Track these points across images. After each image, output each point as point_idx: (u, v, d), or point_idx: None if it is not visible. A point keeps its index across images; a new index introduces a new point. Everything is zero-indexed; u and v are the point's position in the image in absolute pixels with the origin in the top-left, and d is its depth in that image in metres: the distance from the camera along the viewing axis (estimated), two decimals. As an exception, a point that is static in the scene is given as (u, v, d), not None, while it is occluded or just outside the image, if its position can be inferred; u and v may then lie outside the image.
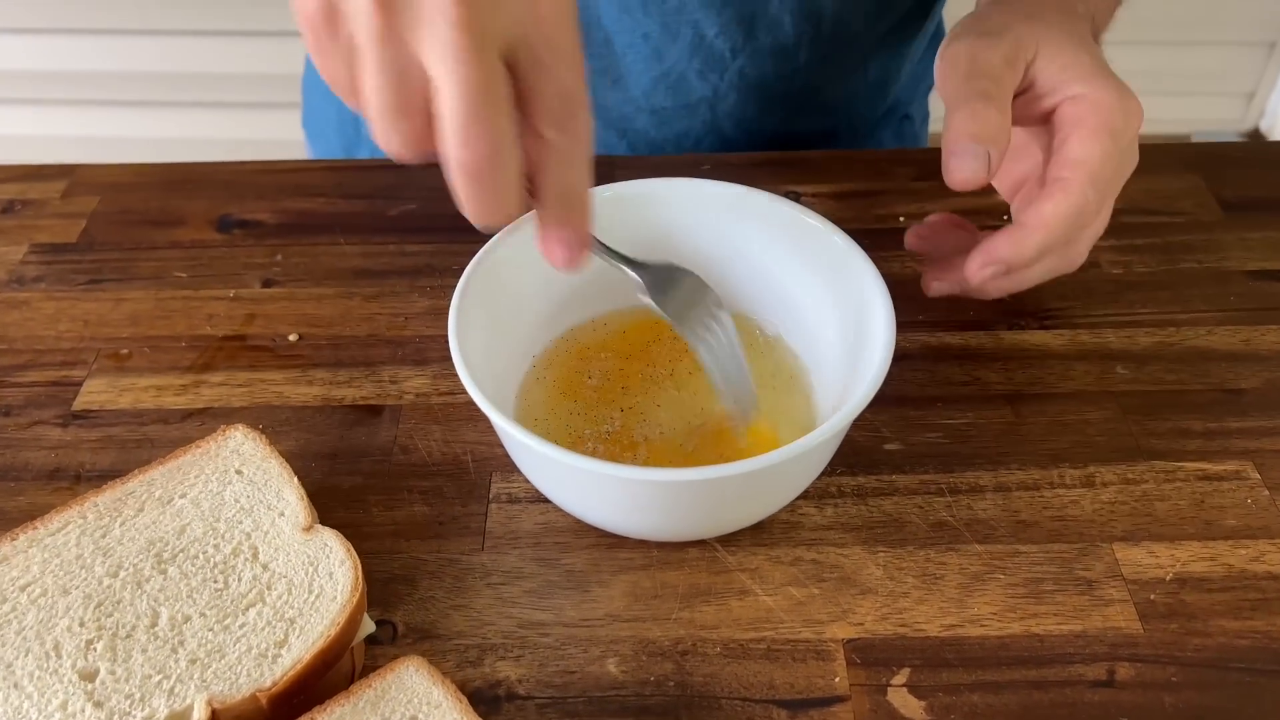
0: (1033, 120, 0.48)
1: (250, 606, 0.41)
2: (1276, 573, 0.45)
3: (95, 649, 0.40)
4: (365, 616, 0.42)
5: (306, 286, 0.60)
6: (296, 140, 0.91)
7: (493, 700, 0.42)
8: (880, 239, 0.53)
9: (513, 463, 0.50)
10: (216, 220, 0.65)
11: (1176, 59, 1.99)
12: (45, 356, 0.56)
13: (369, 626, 0.43)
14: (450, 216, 0.62)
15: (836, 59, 0.70)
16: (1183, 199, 0.64)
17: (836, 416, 0.41)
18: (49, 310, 0.59)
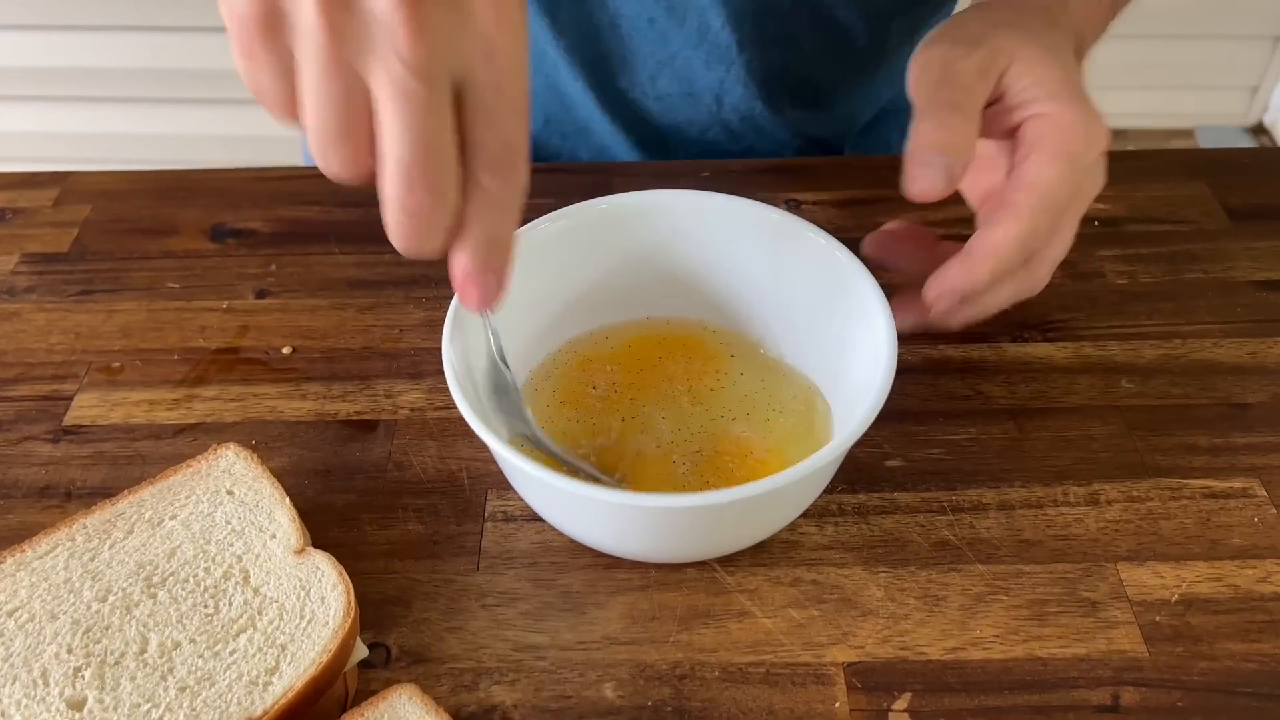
0: (1000, 134, 0.47)
1: (241, 632, 0.40)
2: (1284, 594, 0.45)
3: (83, 676, 0.39)
4: (358, 641, 0.42)
5: (300, 297, 0.59)
6: (294, 136, 0.90)
7: (487, 726, 0.41)
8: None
9: (508, 481, 0.50)
10: (210, 229, 0.64)
11: (1181, 52, 1.98)
12: (36, 370, 0.56)
13: (362, 651, 0.42)
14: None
15: (842, 52, 0.69)
16: (1188, 207, 0.63)
17: (834, 443, 0.40)
18: (40, 322, 0.58)
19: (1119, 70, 1.78)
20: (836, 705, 0.42)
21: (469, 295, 0.36)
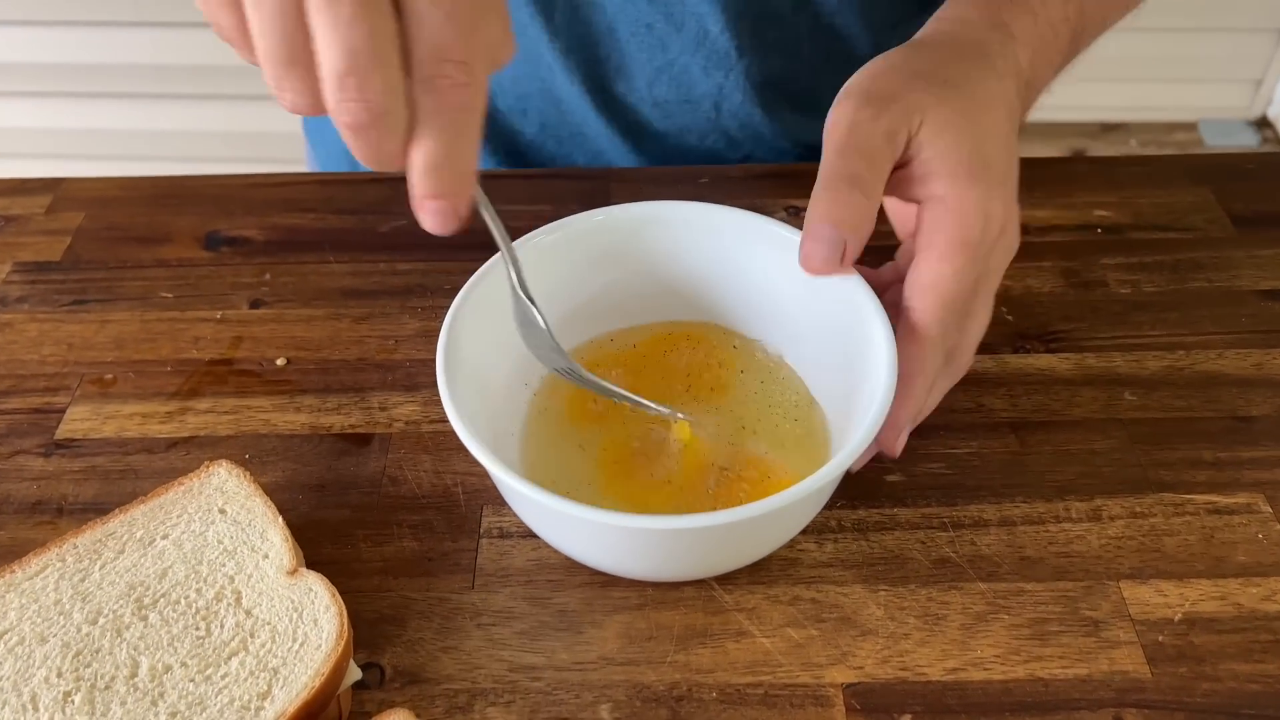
0: (906, 199, 0.46)
1: (233, 655, 0.40)
2: (1288, 613, 0.44)
3: (73, 701, 0.39)
4: (351, 663, 0.41)
5: (295, 307, 0.59)
6: (293, 133, 0.89)
7: (482, 749, 0.41)
8: (880, 256, 0.52)
9: (504, 496, 0.49)
10: (204, 237, 0.63)
11: (1184, 45, 1.97)
12: (28, 382, 0.55)
13: (355, 674, 0.41)
14: (443, 233, 0.61)
15: (843, 60, 0.68)
16: (1192, 214, 0.63)
17: (832, 463, 0.40)
18: (32, 333, 0.58)
19: (1122, 63, 1.77)
20: (835, 728, 0.41)
21: (424, 220, 0.35)
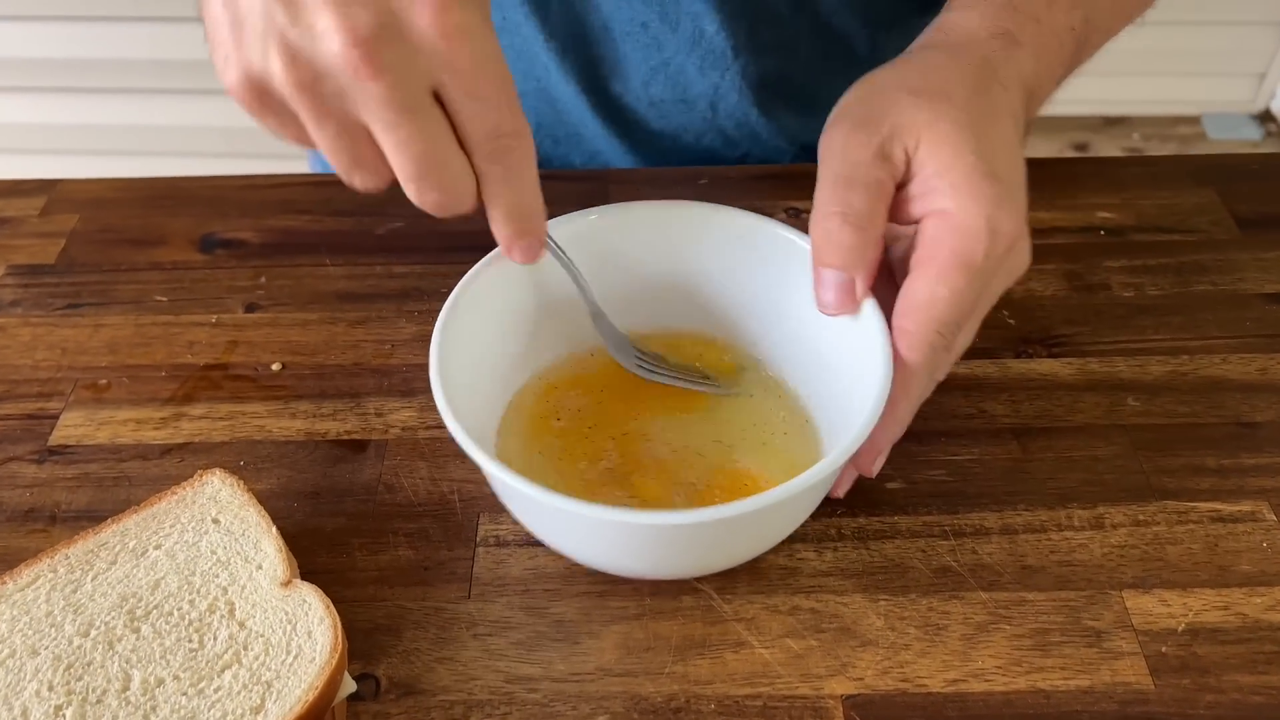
0: (908, 221, 0.44)
1: (226, 668, 0.40)
2: (1293, 623, 0.44)
3: (65, 715, 0.38)
4: (346, 676, 0.41)
5: (290, 311, 0.58)
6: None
7: (478, 762, 0.41)
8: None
9: (500, 503, 0.49)
10: (199, 239, 0.63)
11: (1187, 39, 1.96)
12: (21, 387, 0.55)
13: (350, 686, 0.41)
14: (439, 235, 0.61)
15: (841, 60, 0.68)
16: (1196, 215, 0.62)
17: (825, 461, 0.39)
18: (25, 337, 0.57)
19: (1124, 56, 1.75)
20: (835, 740, 0.41)
21: (515, 257, 0.42)
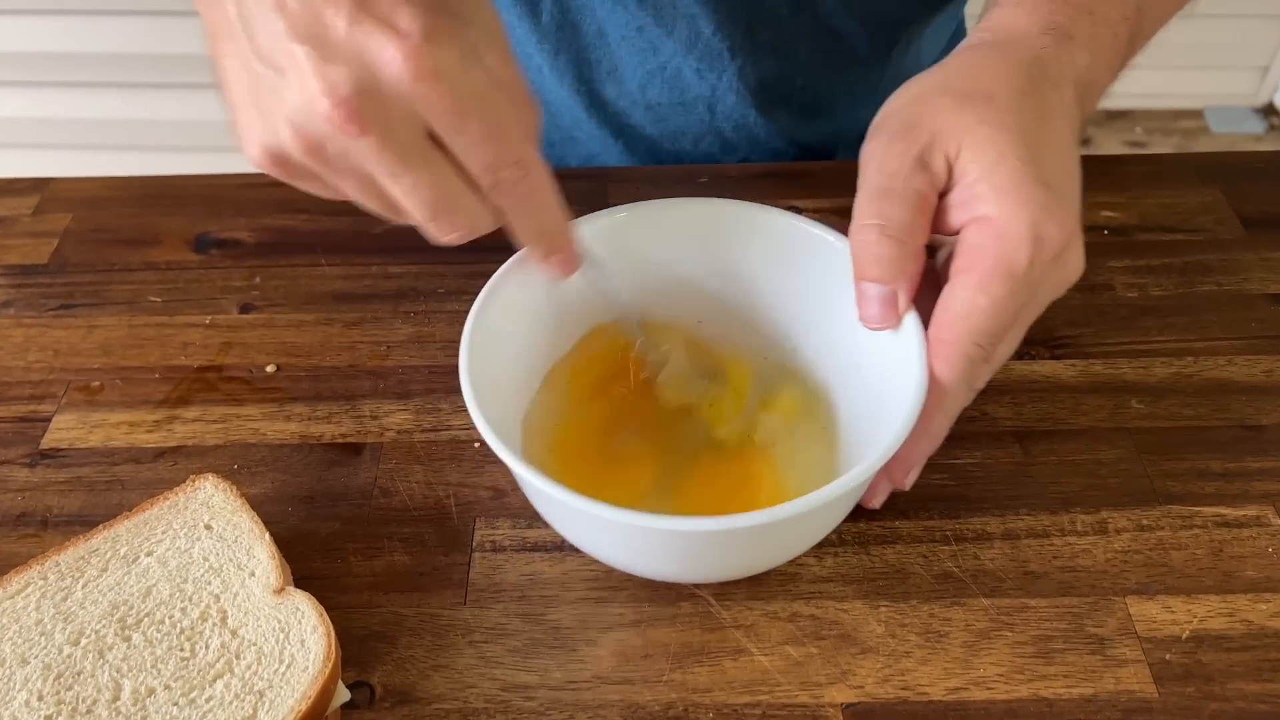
0: (952, 232, 0.42)
1: (218, 678, 0.39)
2: (1298, 630, 0.43)
3: (54, 726, 0.38)
4: (340, 685, 0.40)
5: (285, 312, 0.58)
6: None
7: (474, 772, 0.40)
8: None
9: (497, 508, 0.48)
10: (193, 239, 0.62)
11: (1190, 32, 1.94)
12: (13, 390, 0.54)
13: (344, 695, 0.41)
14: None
15: (839, 59, 0.67)
16: (1201, 215, 0.61)
17: (854, 472, 0.38)
18: (18, 339, 0.57)
19: (1127, 52, 1.75)
20: (835, 750, 0.40)
21: (550, 274, 0.43)
